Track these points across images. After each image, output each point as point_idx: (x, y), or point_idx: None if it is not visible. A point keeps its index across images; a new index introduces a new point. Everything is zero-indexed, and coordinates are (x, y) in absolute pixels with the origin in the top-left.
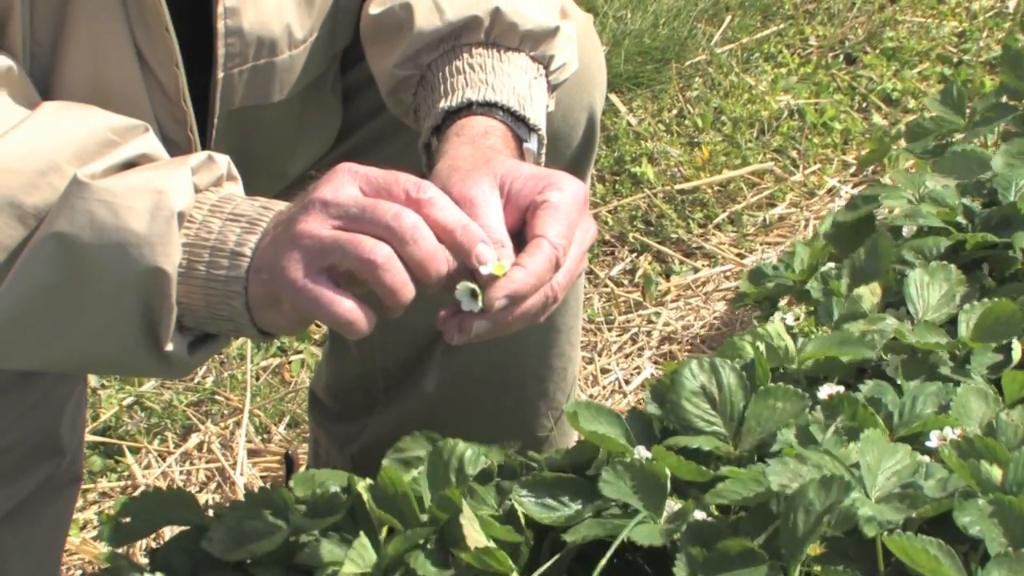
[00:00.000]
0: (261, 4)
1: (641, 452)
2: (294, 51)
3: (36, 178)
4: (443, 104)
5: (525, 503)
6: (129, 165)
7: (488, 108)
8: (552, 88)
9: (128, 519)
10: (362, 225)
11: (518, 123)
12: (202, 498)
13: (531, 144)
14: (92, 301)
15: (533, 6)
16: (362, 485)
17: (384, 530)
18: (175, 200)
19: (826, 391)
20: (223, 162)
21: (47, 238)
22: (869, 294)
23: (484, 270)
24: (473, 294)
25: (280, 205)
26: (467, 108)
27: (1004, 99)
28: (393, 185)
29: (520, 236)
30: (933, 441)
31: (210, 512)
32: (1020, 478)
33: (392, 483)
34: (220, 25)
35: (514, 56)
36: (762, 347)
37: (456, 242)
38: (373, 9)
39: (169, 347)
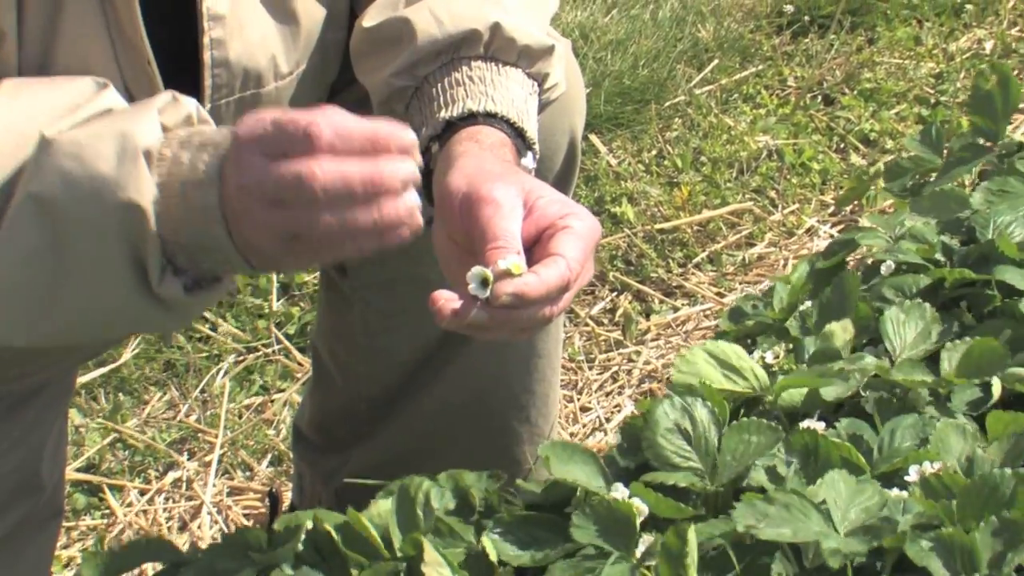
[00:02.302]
0: (247, 35)
1: (620, 490)
2: (280, 83)
3: (13, 151)
4: (443, 114)
5: (497, 543)
6: (93, 120)
7: (490, 119)
8: (541, 107)
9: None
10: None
11: (517, 137)
12: (183, 536)
13: (527, 160)
14: (79, 255)
15: (530, 23)
16: (330, 523)
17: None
18: (140, 138)
19: (804, 427)
20: (190, 104)
21: (23, 202)
22: (841, 331)
23: (502, 263)
24: (484, 281)
25: None
26: (470, 118)
27: (979, 140)
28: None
29: (528, 253)
30: (912, 475)
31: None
32: (972, 509)
33: (359, 524)
34: (206, 56)
35: (511, 71)
36: (713, 365)
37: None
38: (367, 22)
39: (162, 288)
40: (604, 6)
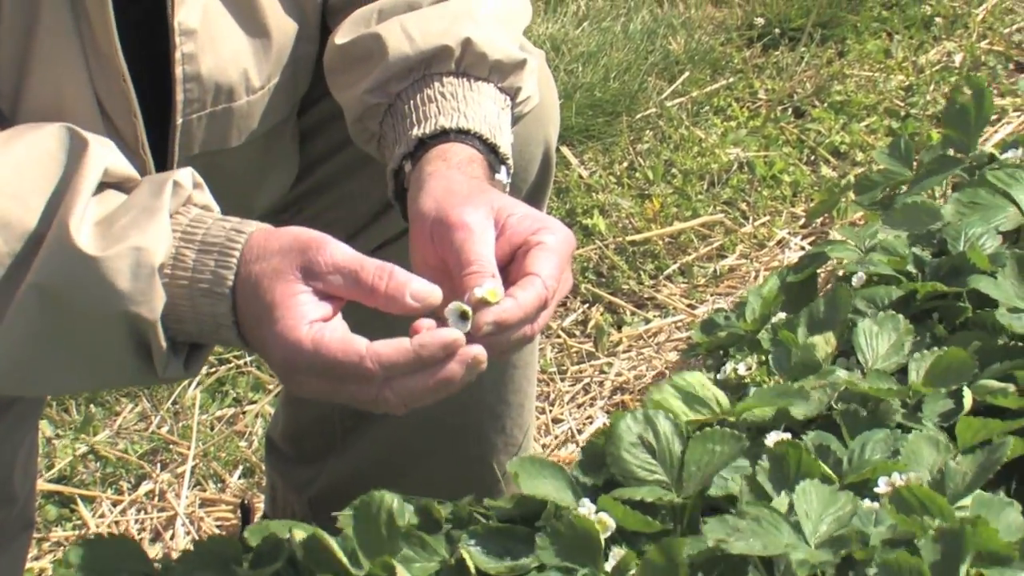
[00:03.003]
0: (219, 50)
1: (587, 505)
2: (252, 97)
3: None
4: (416, 131)
5: (474, 553)
6: (97, 191)
7: (462, 136)
8: (515, 120)
9: (77, 570)
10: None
11: (490, 152)
12: (156, 547)
13: (501, 175)
14: (81, 346)
15: (502, 37)
16: (298, 540)
17: None
18: (155, 255)
19: (773, 438)
20: (187, 179)
21: (28, 290)
22: (823, 343)
23: (478, 291)
24: (463, 315)
25: (250, 227)
26: (442, 135)
27: (950, 151)
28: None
29: (504, 271)
30: (881, 487)
31: (157, 564)
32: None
33: (321, 542)
34: (178, 71)
35: (483, 86)
36: (678, 400)
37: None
38: (340, 39)
39: (167, 374)
40: (575, 18)
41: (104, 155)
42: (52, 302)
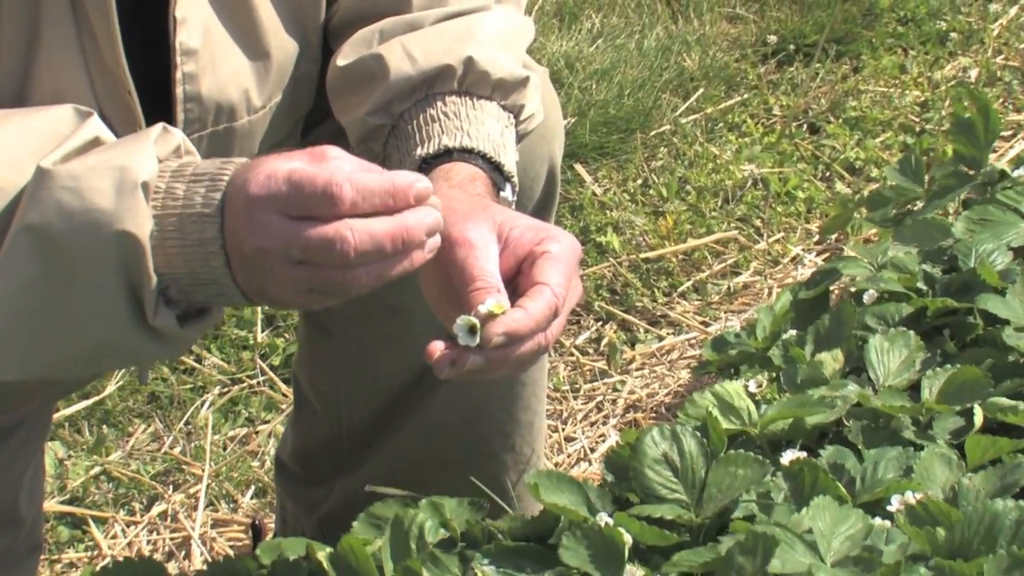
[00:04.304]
0: (219, 70)
1: (603, 519)
2: (253, 116)
3: (3, 182)
4: (419, 151)
5: (488, 572)
6: (84, 151)
7: (466, 155)
8: (519, 138)
9: None
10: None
11: (494, 171)
12: (171, 568)
13: (506, 193)
14: (75, 286)
15: (504, 56)
16: (322, 554)
17: None
18: (138, 172)
19: (788, 456)
20: (178, 135)
21: (19, 233)
22: (831, 360)
23: (483, 308)
24: (472, 329)
25: (240, 159)
26: (445, 155)
27: (961, 167)
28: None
29: (512, 284)
30: (894, 505)
31: None
32: (967, 541)
33: (353, 552)
34: (179, 91)
35: (486, 105)
36: (715, 411)
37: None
38: (342, 60)
39: (157, 320)
40: (589, 36)
41: (101, 126)
42: (42, 240)
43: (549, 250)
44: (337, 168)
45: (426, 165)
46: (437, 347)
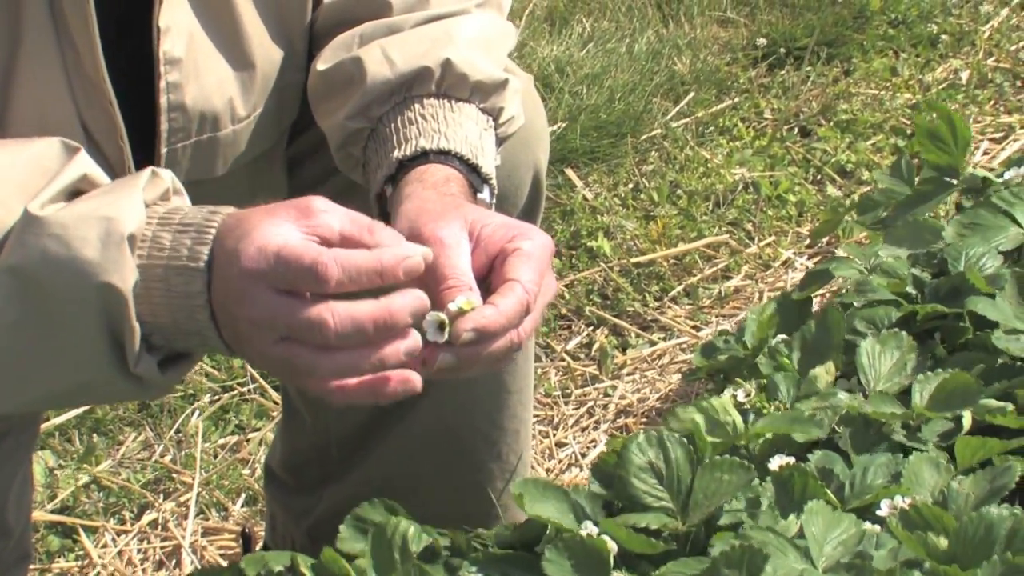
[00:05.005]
0: (203, 79)
1: (589, 528)
2: (237, 126)
3: None
4: (396, 154)
5: None
6: (74, 191)
7: (442, 156)
8: (500, 142)
9: None
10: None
11: (471, 172)
12: None
13: (484, 195)
14: (56, 332)
15: (483, 59)
16: (305, 567)
17: None
18: (125, 224)
19: (776, 462)
20: (167, 176)
21: (2, 274)
22: (824, 373)
23: (452, 306)
24: (440, 326)
25: (227, 209)
26: (422, 157)
27: (937, 175)
28: (302, 279)
29: (484, 283)
30: (883, 509)
31: None
32: (965, 547)
33: (336, 564)
34: (163, 100)
35: (465, 107)
36: (701, 422)
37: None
38: (321, 65)
39: (139, 368)
40: (580, 40)
41: (89, 163)
42: (25, 284)
43: (520, 247)
44: (326, 226)
45: (403, 167)
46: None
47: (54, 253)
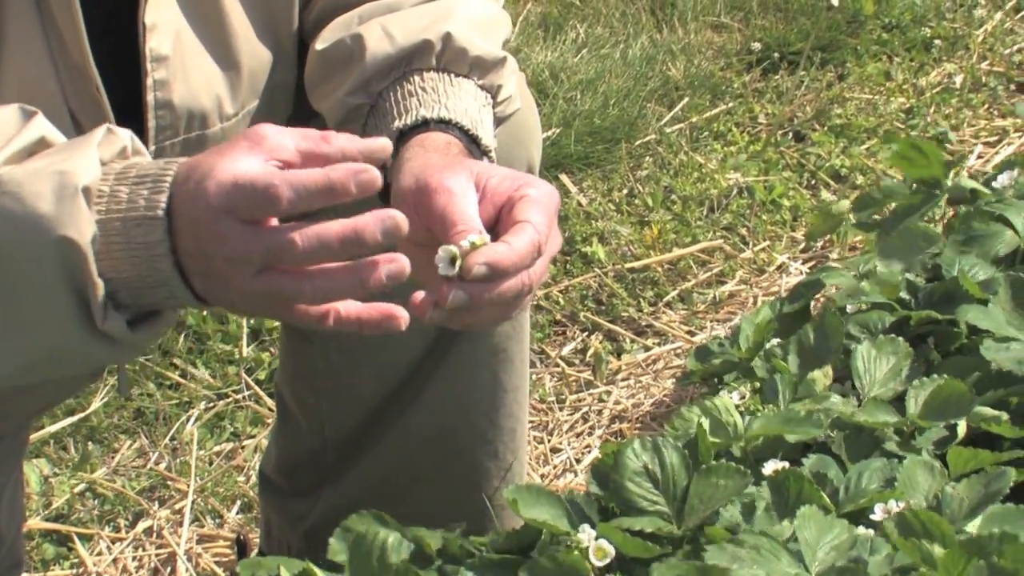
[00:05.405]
0: (190, 77)
1: (586, 531)
2: (226, 124)
3: None
4: (397, 124)
5: None
6: (31, 153)
7: (443, 126)
8: (497, 122)
9: None
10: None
11: (471, 143)
12: None
13: None
14: (20, 293)
15: (482, 35)
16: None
17: None
18: (79, 176)
19: (771, 467)
20: (125, 135)
21: None
22: (822, 377)
23: (464, 242)
24: (452, 260)
25: (181, 159)
26: (423, 125)
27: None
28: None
29: (493, 232)
30: (877, 514)
31: None
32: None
33: None
34: (149, 98)
35: (464, 83)
36: (706, 424)
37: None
38: (320, 44)
39: (106, 325)
40: (574, 46)
41: (47, 126)
42: None
43: (528, 194)
44: (281, 147)
45: (403, 136)
46: (419, 294)
47: (9, 209)
